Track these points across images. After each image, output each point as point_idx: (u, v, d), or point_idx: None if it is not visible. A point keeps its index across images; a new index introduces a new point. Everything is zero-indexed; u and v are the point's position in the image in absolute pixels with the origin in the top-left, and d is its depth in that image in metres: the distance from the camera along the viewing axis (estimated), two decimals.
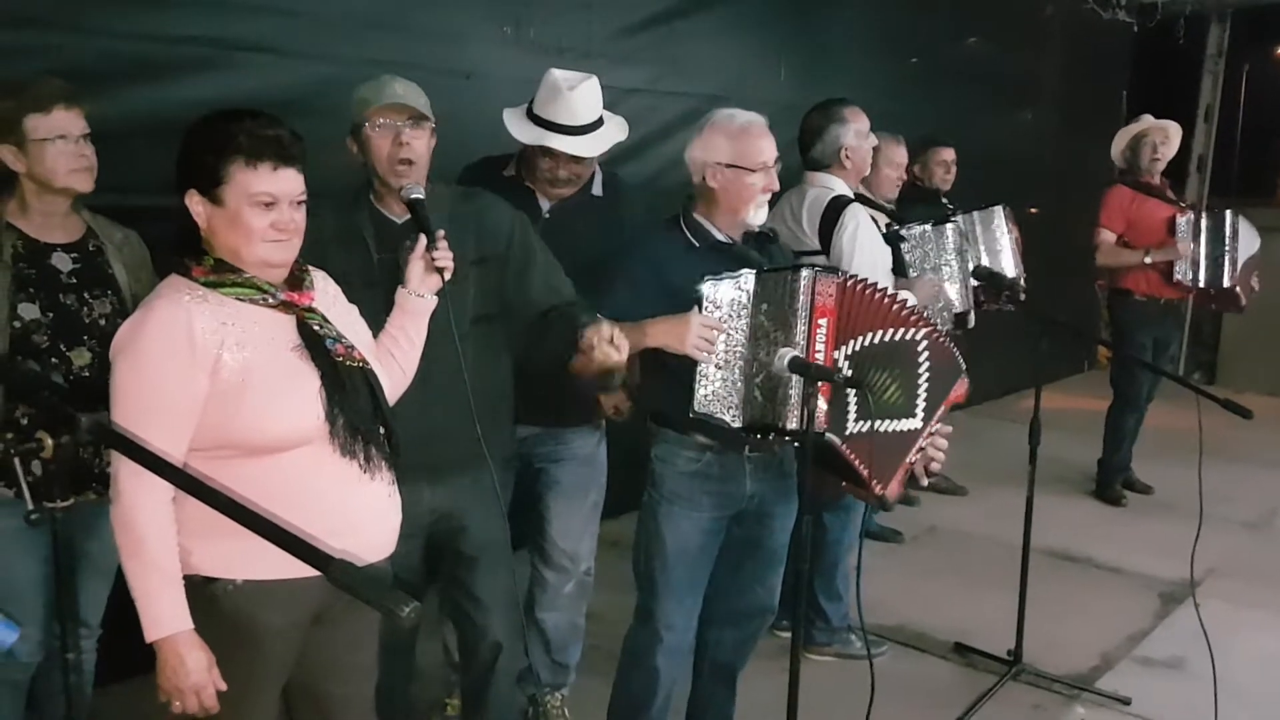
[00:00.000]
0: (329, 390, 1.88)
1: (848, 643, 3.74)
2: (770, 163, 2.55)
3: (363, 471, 1.93)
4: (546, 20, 3.97)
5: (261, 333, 1.87)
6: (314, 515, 1.84)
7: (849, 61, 5.61)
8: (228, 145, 1.80)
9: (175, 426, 1.80)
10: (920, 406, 2.49)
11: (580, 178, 2.92)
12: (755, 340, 2.38)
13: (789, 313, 2.33)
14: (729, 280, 2.40)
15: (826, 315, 2.32)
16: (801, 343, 2.31)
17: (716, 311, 2.39)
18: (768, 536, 2.72)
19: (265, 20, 3.32)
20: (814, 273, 2.34)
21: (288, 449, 1.85)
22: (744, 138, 2.55)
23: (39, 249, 2.39)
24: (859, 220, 3.35)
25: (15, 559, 2.34)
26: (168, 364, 1.78)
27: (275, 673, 1.98)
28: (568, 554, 3.14)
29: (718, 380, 2.40)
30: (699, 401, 2.39)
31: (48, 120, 2.30)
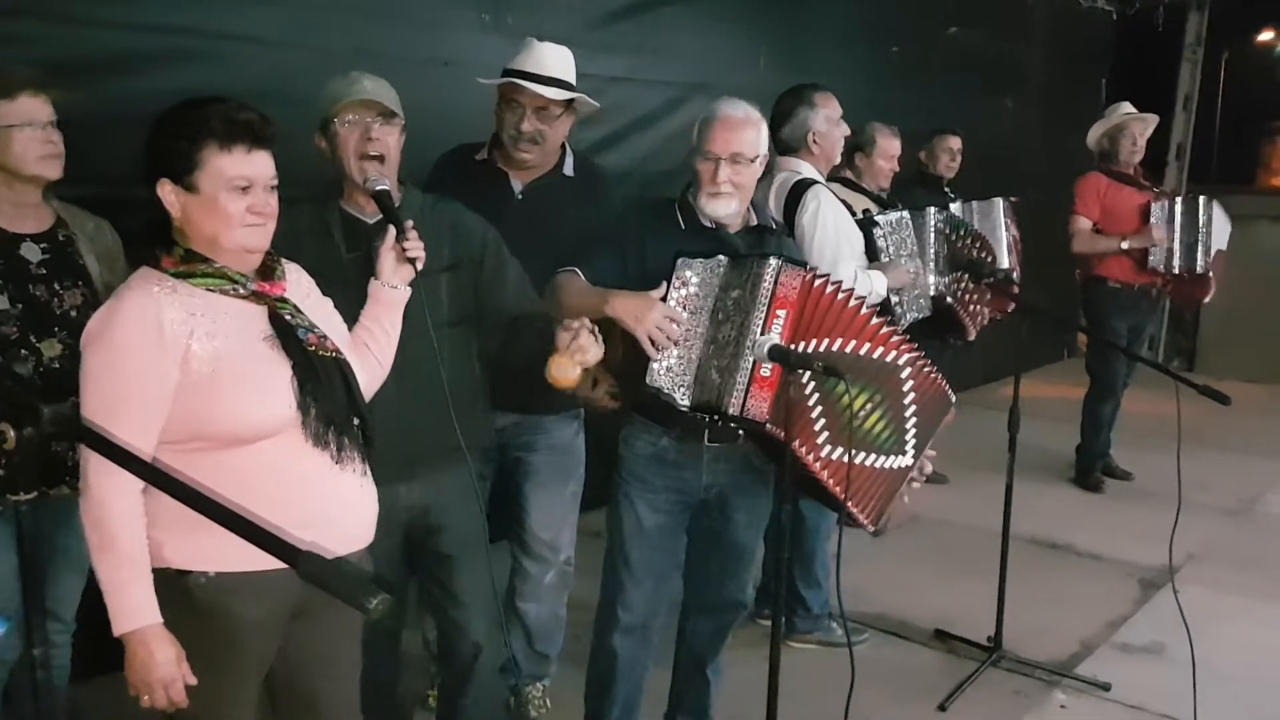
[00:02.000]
0: (301, 380, 1.86)
1: (829, 630, 3.75)
2: (721, 154, 2.51)
3: (335, 462, 1.91)
4: (525, 7, 3.95)
5: (232, 323, 1.85)
6: (286, 506, 1.82)
7: (830, 50, 5.60)
8: (201, 130, 1.78)
9: (144, 418, 1.78)
10: (910, 444, 2.52)
11: (545, 140, 2.87)
12: (716, 323, 2.39)
13: (750, 299, 2.34)
14: (702, 261, 2.42)
15: (786, 307, 2.34)
16: (757, 329, 2.32)
17: (684, 289, 2.40)
18: (730, 530, 2.72)
19: (245, 9, 3.29)
20: (780, 262, 2.36)
21: (259, 439, 1.83)
22: (704, 127, 2.57)
23: (8, 239, 2.36)
24: (820, 200, 3.34)
25: None
26: (137, 355, 1.76)
27: (253, 666, 1.96)
28: (547, 544, 3.13)
29: (674, 357, 2.41)
30: (652, 374, 2.40)
31: (13, 107, 2.28)
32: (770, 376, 2.34)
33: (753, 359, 2.32)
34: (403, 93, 2.75)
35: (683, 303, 2.41)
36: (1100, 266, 5.37)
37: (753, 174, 2.59)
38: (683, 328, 2.39)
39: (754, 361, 2.32)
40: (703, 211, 2.58)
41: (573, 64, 2.93)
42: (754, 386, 2.34)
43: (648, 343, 2.38)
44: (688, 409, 2.41)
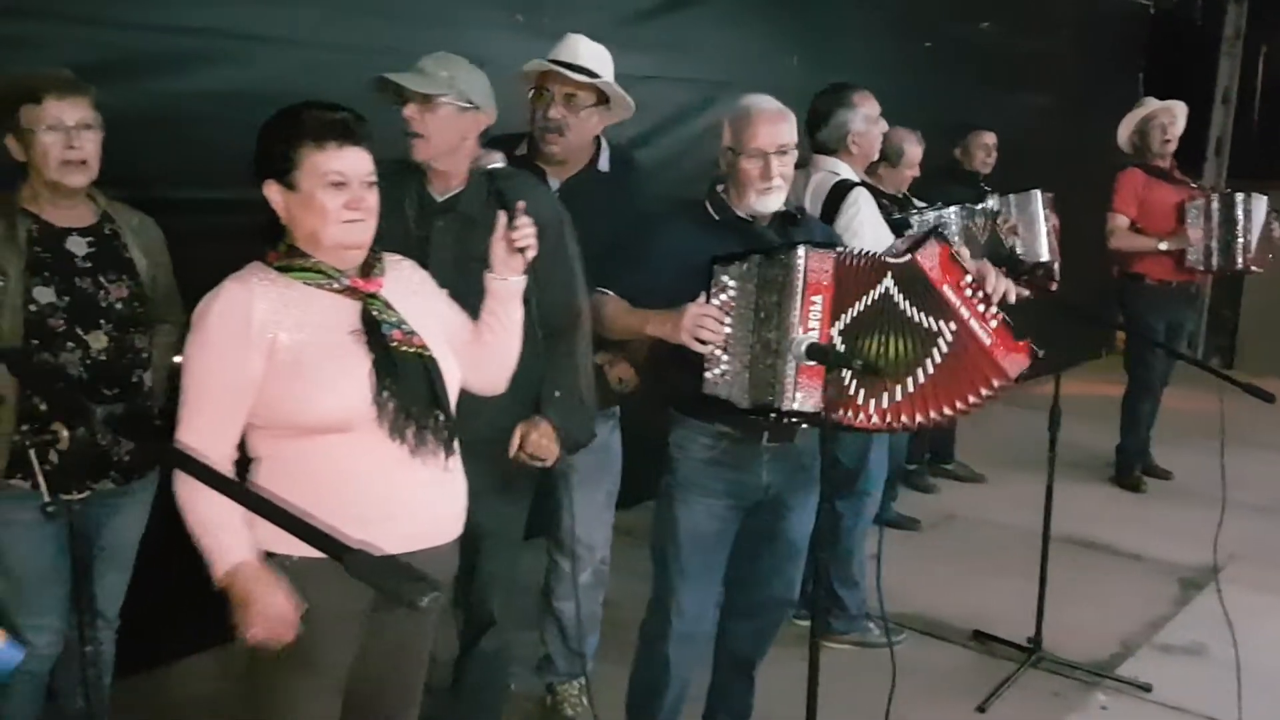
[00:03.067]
0: (380, 374, 1.90)
1: (866, 631, 3.73)
2: (768, 149, 2.51)
3: (412, 456, 1.94)
4: (558, 6, 3.95)
5: (321, 316, 1.92)
6: (359, 497, 1.90)
7: (862, 46, 5.57)
8: (297, 130, 1.88)
9: (226, 403, 1.88)
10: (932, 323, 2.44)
11: (571, 131, 2.86)
12: (760, 321, 2.38)
13: (784, 292, 2.34)
14: (736, 263, 2.41)
15: (821, 292, 2.33)
16: (795, 321, 2.31)
17: (724, 294, 2.40)
18: (785, 529, 2.70)
19: (278, 10, 3.31)
20: (808, 249, 2.34)
21: (336, 430, 1.89)
22: (742, 125, 2.55)
23: (54, 233, 2.38)
24: (860, 205, 3.32)
25: (34, 550, 2.34)
26: (221, 349, 1.87)
27: (334, 653, 1.99)
28: (584, 543, 3.13)
29: (725, 361, 2.41)
30: (707, 383, 2.41)
31: (39, 111, 2.30)
32: (816, 365, 2.32)
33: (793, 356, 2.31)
34: None
35: (725, 307, 2.41)
36: (1138, 264, 5.30)
37: (793, 163, 2.60)
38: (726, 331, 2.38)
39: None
40: (751, 209, 2.57)
41: (608, 61, 2.92)
42: (801, 378, 2.33)
43: (696, 344, 2.38)
44: (748, 411, 2.40)
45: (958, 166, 5.29)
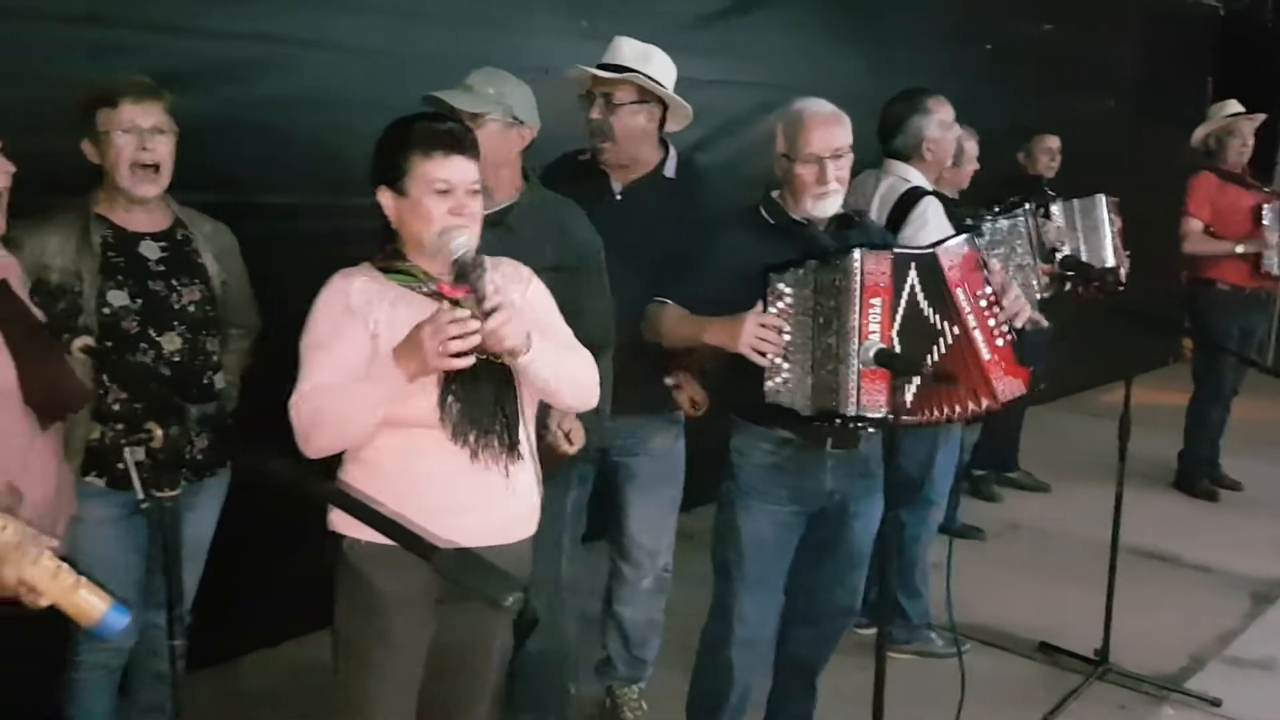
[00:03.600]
0: (446, 379, 1.94)
1: (927, 641, 3.69)
2: (823, 154, 2.49)
3: (473, 460, 1.97)
4: (620, 12, 3.96)
5: (407, 317, 1.96)
6: (421, 494, 1.96)
7: (923, 49, 5.53)
8: (406, 140, 1.97)
9: (333, 364, 1.95)
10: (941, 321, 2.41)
11: (614, 133, 2.86)
12: (819, 327, 2.37)
13: (842, 296, 2.32)
14: (791, 270, 2.40)
15: (880, 294, 2.31)
16: (854, 325, 2.30)
17: (780, 302, 2.39)
18: (849, 536, 2.67)
19: (347, 18, 3.36)
20: (863, 251, 2.32)
21: (403, 426, 1.95)
22: (796, 130, 2.53)
23: (127, 237, 2.43)
24: (928, 216, 3.27)
25: (109, 547, 2.38)
26: (332, 320, 1.99)
27: (400, 641, 2.04)
28: (646, 549, 3.14)
29: (785, 369, 2.40)
30: (768, 392, 2.41)
31: (115, 114, 2.34)
32: (877, 369, 2.30)
33: (857, 359, 2.30)
34: None
35: (783, 315, 2.40)
36: (1211, 269, 5.20)
37: (849, 166, 2.57)
38: (785, 338, 2.37)
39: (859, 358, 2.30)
40: (808, 214, 2.55)
41: (660, 60, 2.91)
42: (864, 382, 2.31)
43: (755, 355, 2.37)
44: (812, 418, 2.39)
45: (1021, 171, 5.22)
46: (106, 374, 2.33)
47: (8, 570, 1.28)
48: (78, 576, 1.31)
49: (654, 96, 2.89)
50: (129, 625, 2.37)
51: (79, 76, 2.57)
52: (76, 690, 2.50)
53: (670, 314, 2.60)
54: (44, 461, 2.13)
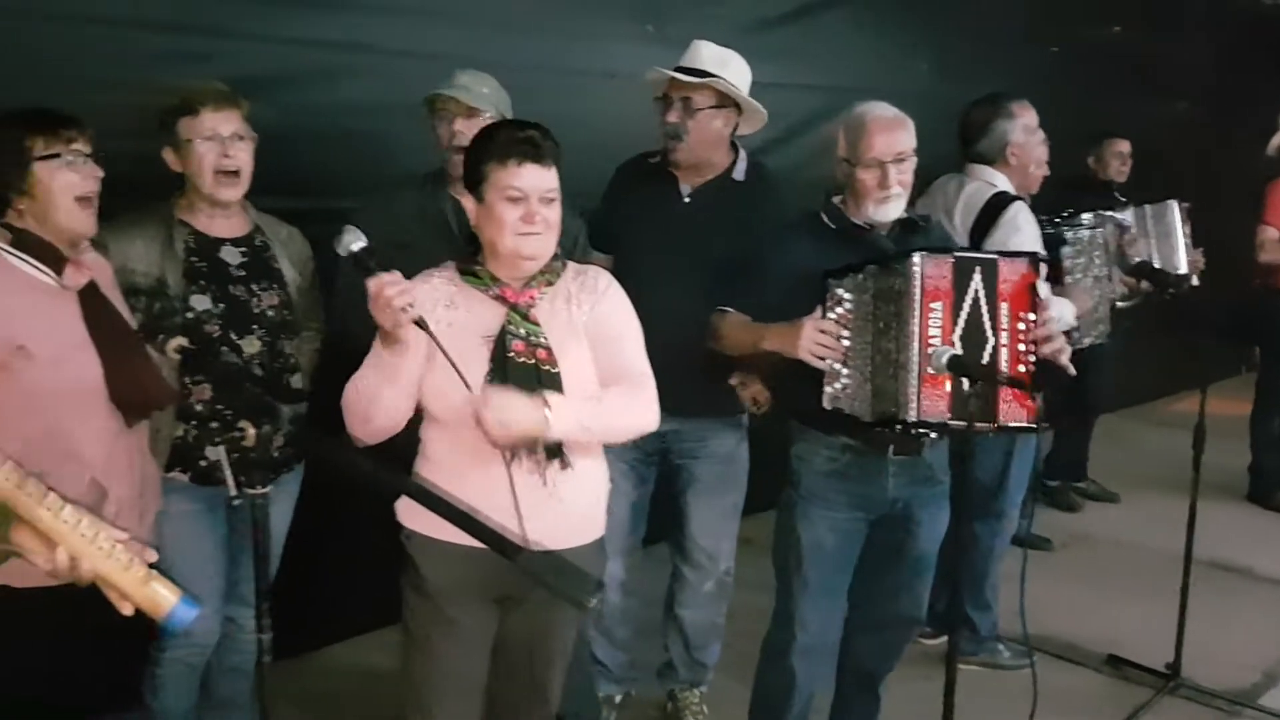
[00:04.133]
0: (491, 381, 1.98)
1: (995, 652, 3.64)
2: (885, 157, 2.47)
3: (513, 463, 1.99)
4: (686, 16, 3.97)
5: (469, 317, 2.04)
6: (464, 494, 1.96)
7: (988, 51, 5.46)
8: (486, 148, 2.03)
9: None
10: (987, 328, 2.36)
11: (688, 136, 2.86)
12: (879, 333, 2.35)
13: (902, 301, 2.30)
14: (850, 276, 2.38)
15: (940, 298, 2.29)
16: (915, 331, 2.27)
17: (840, 307, 2.38)
18: (914, 544, 2.64)
19: (416, 26, 3.41)
20: (923, 256, 2.30)
21: (450, 422, 2.00)
22: (857, 132, 2.52)
23: (209, 243, 2.48)
24: (1019, 222, 3.20)
25: (191, 541, 2.43)
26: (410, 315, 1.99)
27: (462, 634, 2.07)
28: (707, 552, 3.13)
29: (845, 375, 2.38)
30: (827, 398, 2.39)
31: (196, 122, 2.40)
32: (940, 375, 2.28)
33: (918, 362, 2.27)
34: (567, 105, 2.83)
35: (842, 320, 2.38)
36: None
37: (912, 170, 2.54)
38: (844, 344, 2.36)
39: (919, 362, 2.27)
40: (870, 218, 2.54)
41: (737, 64, 2.91)
42: (925, 387, 2.28)
43: (814, 360, 2.36)
44: (872, 424, 2.38)
45: (1091, 176, 5.13)
46: (202, 375, 2.39)
47: (84, 564, 1.31)
48: (149, 570, 1.33)
49: (731, 101, 2.89)
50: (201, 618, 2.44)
51: (160, 82, 2.62)
52: (159, 684, 2.56)
53: (731, 322, 2.60)
54: (129, 459, 2.20)
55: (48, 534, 1.29)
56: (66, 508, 1.30)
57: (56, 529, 1.29)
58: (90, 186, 2.13)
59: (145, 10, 2.88)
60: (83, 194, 2.12)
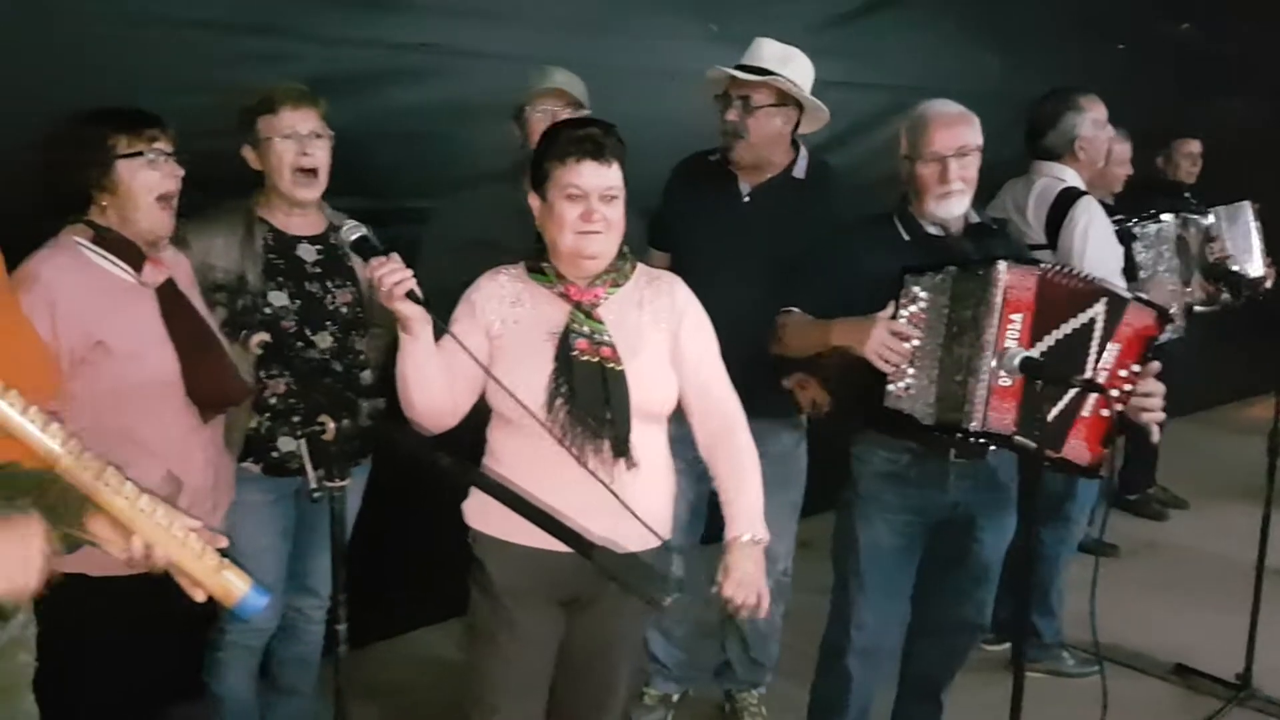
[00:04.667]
0: (556, 379, 1.99)
1: (1059, 660, 3.58)
2: (944, 153, 2.44)
3: (578, 463, 1.98)
4: (749, 15, 3.96)
5: (535, 316, 2.05)
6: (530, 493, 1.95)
7: (1054, 49, 5.37)
8: (549, 146, 2.04)
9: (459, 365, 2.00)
10: (1090, 358, 2.33)
11: (749, 134, 2.85)
12: (951, 336, 2.32)
13: (983, 308, 2.27)
14: (929, 274, 2.35)
15: (1021, 310, 2.25)
16: (991, 339, 2.24)
17: (913, 306, 2.35)
18: (976, 550, 2.60)
19: (483, 27, 3.44)
20: (1009, 264, 2.27)
21: (514, 419, 1.99)
22: (917, 128, 2.50)
23: (287, 240, 2.52)
24: (1092, 215, 3.16)
25: (257, 531, 2.48)
26: (462, 308, 2.09)
27: (527, 634, 2.08)
28: (765, 553, 3.11)
29: (910, 376, 2.35)
30: (890, 397, 2.36)
31: (275, 120, 2.43)
32: (1012, 386, 2.25)
33: (989, 371, 2.24)
34: (629, 104, 2.84)
35: (913, 319, 2.35)
36: None
37: (976, 168, 2.51)
38: (913, 344, 2.33)
39: (991, 373, 2.24)
40: (933, 216, 2.50)
41: (800, 62, 2.90)
42: (994, 399, 2.26)
43: (880, 362, 2.33)
44: (932, 428, 2.35)
45: (1160, 176, 5.02)
46: (277, 369, 2.43)
47: (157, 551, 1.35)
48: (221, 558, 1.37)
49: (792, 99, 2.87)
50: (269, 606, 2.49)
51: (240, 83, 2.68)
52: (220, 667, 2.61)
53: (795, 322, 2.56)
54: (204, 452, 2.25)
55: (124, 522, 1.33)
56: (143, 497, 1.33)
57: (133, 517, 1.32)
58: (170, 186, 2.17)
59: (225, 13, 2.95)
60: (163, 193, 2.16)
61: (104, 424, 2.02)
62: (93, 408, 2.04)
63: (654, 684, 3.27)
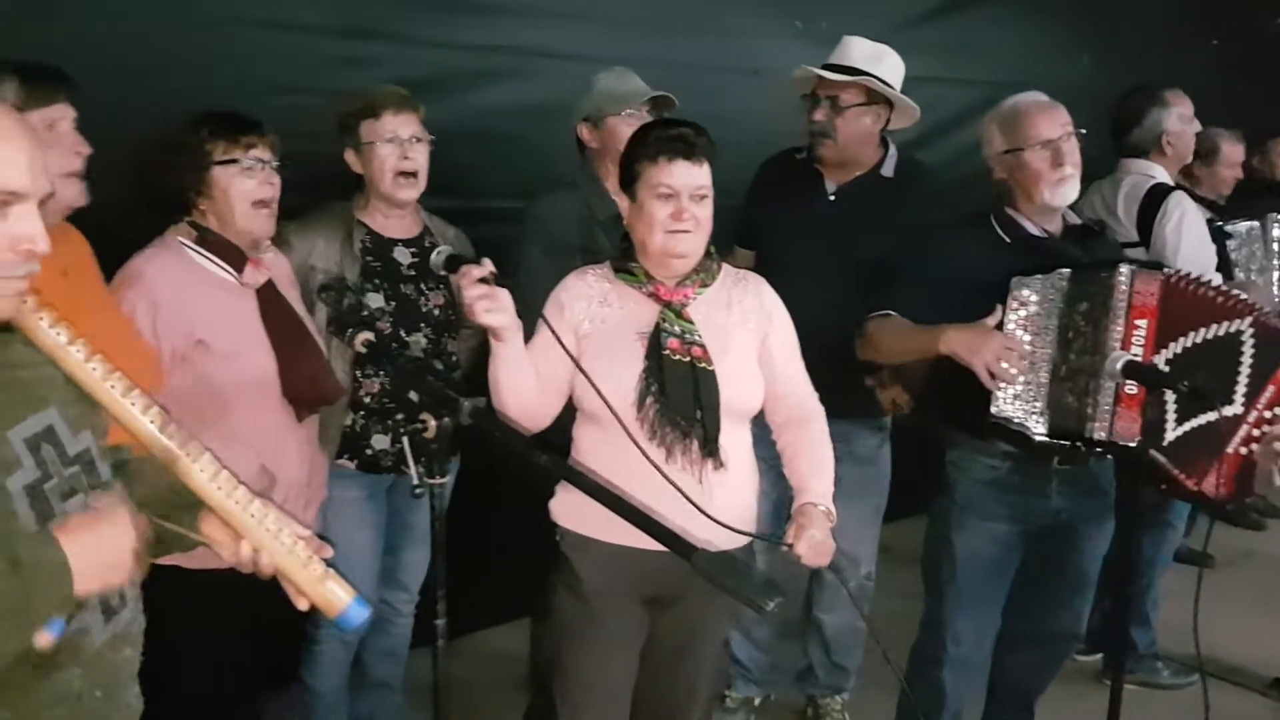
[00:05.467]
0: (646, 377, 1.99)
1: (1154, 671, 3.49)
2: (1052, 136, 2.38)
3: (668, 463, 1.98)
4: (837, 11, 3.92)
5: (624, 315, 2.06)
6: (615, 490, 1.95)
7: (1145, 46, 5.22)
8: (638, 147, 2.05)
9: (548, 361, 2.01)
10: (1240, 390, 2.26)
11: (838, 134, 2.82)
12: (1065, 342, 2.26)
13: (1104, 313, 2.20)
14: (1041, 277, 2.29)
15: (1146, 315, 2.18)
16: (1116, 345, 2.18)
17: (1023, 310, 2.28)
18: (1076, 557, 2.53)
19: (567, 28, 3.47)
20: (1133, 270, 2.20)
21: (600, 416, 1.99)
22: (1014, 119, 2.44)
23: (383, 243, 2.56)
24: (1184, 209, 3.09)
25: (354, 525, 2.52)
26: (549, 308, 2.08)
27: (613, 633, 2.08)
28: (847, 555, 3.06)
29: (1020, 383, 2.28)
30: (998, 403, 2.29)
31: (377, 125, 2.47)
32: (1137, 394, 2.18)
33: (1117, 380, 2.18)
34: (713, 101, 2.83)
35: (1023, 324, 2.29)
36: None
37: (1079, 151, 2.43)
38: (1025, 353, 2.28)
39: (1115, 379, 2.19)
40: (1047, 207, 2.42)
41: (891, 60, 2.87)
42: (1121, 406, 2.19)
43: (987, 376, 2.26)
44: (1045, 436, 2.29)
45: (1256, 176, 4.84)
46: (379, 369, 2.47)
47: (264, 557, 1.37)
48: (326, 568, 1.38)
49: (882, 97, 2.84)
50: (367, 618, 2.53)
51: (335, 86, 2.74)
52: (315, 663, 2.66)
53: (892, 327, 2.48)
54: (299, 449, 2.29)
55: (234, 527, 1.36)
56: (255, 502, 1.36)
57: (243, 522, 1.35)
58: (267, 192, 2.20)
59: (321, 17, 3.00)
60: (260, 198, 2.19)
61: (203, 420, 2.04)
62: (192, 404, 2.08)
63: (735, 687, 3.26)
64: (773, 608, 1.16)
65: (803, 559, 2.03)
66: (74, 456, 1.32)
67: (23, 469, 1.24)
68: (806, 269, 2.73)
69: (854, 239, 2.80)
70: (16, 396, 1.27)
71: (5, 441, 1.23)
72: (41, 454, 1.27)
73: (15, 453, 1.23)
